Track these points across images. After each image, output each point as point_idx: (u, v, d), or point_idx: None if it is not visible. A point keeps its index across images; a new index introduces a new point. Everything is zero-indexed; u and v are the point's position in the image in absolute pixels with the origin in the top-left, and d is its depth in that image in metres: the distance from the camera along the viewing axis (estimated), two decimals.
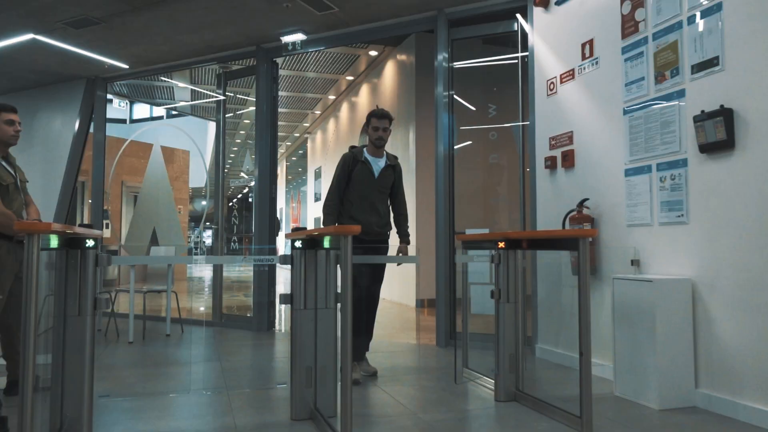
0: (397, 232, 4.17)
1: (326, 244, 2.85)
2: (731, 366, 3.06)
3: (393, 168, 4.11)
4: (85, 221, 10.59)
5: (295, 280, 3.04)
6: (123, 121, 19.39)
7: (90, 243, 2.66)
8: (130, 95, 11.14)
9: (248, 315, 6.48)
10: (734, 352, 3.05)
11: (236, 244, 7.55)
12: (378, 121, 4.00)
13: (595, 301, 4.07)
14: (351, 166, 4.00)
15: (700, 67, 3.27)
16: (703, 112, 3.20)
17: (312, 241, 3.07)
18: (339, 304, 2.52)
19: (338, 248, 2.62)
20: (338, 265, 2.71)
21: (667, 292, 3.23)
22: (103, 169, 7.35)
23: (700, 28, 3.27)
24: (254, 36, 6.04)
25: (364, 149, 4.06)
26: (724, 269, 3.12)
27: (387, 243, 4.08)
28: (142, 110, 20.00)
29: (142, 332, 5.99)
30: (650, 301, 3.24)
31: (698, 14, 3.29)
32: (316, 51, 7.85)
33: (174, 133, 12.83)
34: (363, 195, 3.97)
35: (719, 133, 3.08)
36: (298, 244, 3.05)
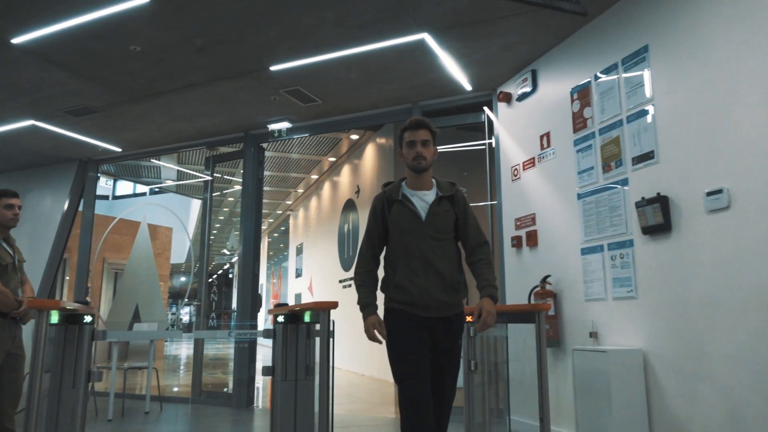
0: (477, 286, 2.70)
1: (307, 318, 3.11)
2: None
3: (450, 200, 2.74)
4: (65, 297, 10.63)
5: (276, 353, 3.27)
6: (106, 198, 19.66)
7: (87, 319, 2.89)
8: (117, 174, 11.52)
9: (225, 390, 6.54)
10: (684, 419, 3.30)
11: (215, 320, 7.68)
12: (413, 134, 2.70)
13: (560, 371, 4.31)
14: (386, 210, 2.73)
15: (639, 159, 3.71)
16: (643, 198, 3.61)
17: (293, 316, 3.32)
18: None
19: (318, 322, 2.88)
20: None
21: (621, 362, 3.51)
22: (89, 246, 7.57)
23: (638, 126, 3.74)
24: (243, 123, 6.48)
25: (402, 183, 2.79)
26: (669, 340, 3.43)
27: (462, 319, 2.71)
28: (124, 187, 20.33)
29: (122, 410, 6.02)
30: (606, 371, 3.51)
31: (635, 114, 3.77)
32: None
33: (157, 210, 13.12)
34: (409, 249, 2.63)
35: (657, 217, 3.48)
36: (280, 318, 3.30)
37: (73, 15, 4.15)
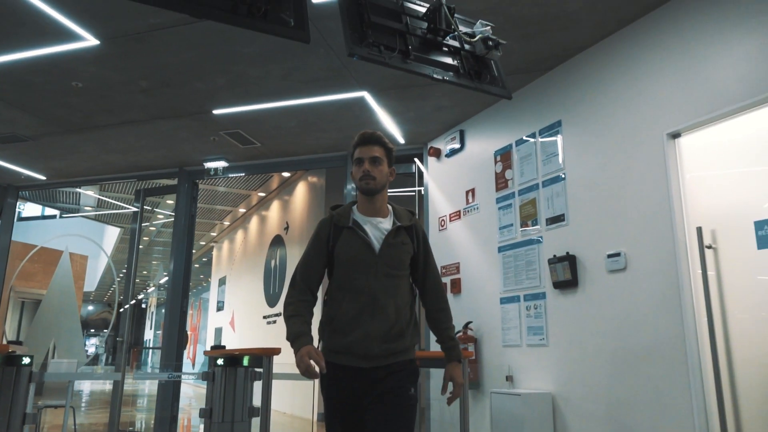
0: (438, 341, 2.41)
1: (245, 362, 3.26)
2: None
3: (409, 231, 2.38)
4: None
5: (214, 395, 3.38)
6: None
7: (26, 360, 2.90)
8: (31, 197, 11.04)
9: (130, 429, 6.38)
10: None
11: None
12: (361, 150, 2.39)
13: (479, 412, 4.63)
14: (332, 238, 2.33)
15: (552, 221, 4.16)
16: (554, 256, 4.04)
17: (232, 359, 3.45)
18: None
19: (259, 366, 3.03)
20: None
21: (533, 404, 3.87)
22: (3, 275, 7.25)
23: (551, 191, 4.20)
24: (178, 159, 6.54)
25: (354, 207, 2.42)
26: (575, 385, 3.82)
27: (413, 368, 2.30)
28: (31, 209, 19.28)
29: None
30: (520, 413, 3.85)
31: (550, 179, 4.23)
32: None
33: (72, 237, 12.59)
34: (357, 286, 2.25)
35: (566, 273, 3.91)
36: (219, 361, 3.42)
37: (18, 50, 4.17)
